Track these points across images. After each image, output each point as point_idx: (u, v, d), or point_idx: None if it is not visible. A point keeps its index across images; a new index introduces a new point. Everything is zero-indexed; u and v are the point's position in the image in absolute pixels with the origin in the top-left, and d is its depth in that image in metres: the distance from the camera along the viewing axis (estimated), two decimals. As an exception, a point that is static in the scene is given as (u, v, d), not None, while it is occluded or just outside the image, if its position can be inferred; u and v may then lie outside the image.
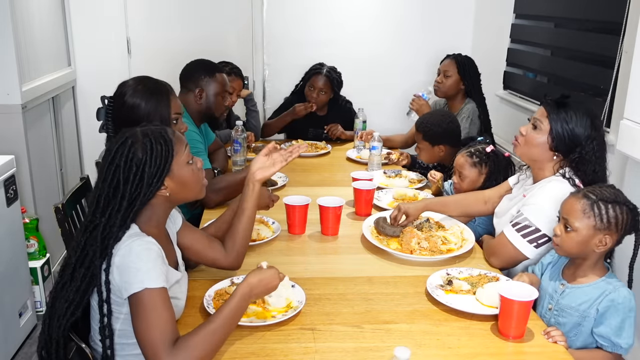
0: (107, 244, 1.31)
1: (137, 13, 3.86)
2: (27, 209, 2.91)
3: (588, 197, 1.56)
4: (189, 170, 1.45)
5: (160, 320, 1.26)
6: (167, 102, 1.90)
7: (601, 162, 1.80)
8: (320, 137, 3.45)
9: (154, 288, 1.27)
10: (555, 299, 1.63)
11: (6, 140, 2.87)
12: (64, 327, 1.33)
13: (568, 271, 1.65)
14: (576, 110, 1.79)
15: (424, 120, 2.76)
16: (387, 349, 1.39)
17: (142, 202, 1.37)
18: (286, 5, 3.97)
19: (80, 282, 1.31)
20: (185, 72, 2.52)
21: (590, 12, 2.77)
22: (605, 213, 1.54)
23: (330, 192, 2.25)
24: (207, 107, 2.48)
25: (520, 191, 1.97)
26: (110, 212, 1.33)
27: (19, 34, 2.94)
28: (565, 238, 1.59)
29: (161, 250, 1.36)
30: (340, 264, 1.84)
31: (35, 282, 2.85)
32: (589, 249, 1.57)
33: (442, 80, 3.15)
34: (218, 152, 2.79)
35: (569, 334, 1.59)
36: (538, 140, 1.82)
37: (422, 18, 4.06)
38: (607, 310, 1.53)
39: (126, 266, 1.29)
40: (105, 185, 1.35)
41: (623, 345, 1.51)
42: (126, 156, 1.35)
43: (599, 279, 1.59)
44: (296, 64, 3.61)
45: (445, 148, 2.69)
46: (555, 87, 3.14)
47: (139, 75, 1.97)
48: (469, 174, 2.33)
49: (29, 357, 2.62)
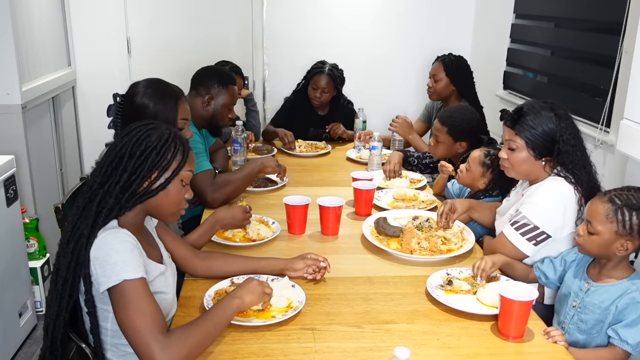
0: (99, 215, 1.32)
1: (137, 13, 3.86)
2: (27, 209, 2.91)
3: (613, 202, 1.55)
4: (178, 190, 1.43)
5: (147, 309, 1.25)
6: (175, 106, 1.92)
7: (579, 143, 1.82)
8: (321, 136, 3.44)
9: (133, 279, 1.27)
10: (580, 297, 1.64)
11: (6, 140, 2.87)
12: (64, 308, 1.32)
13: (593, 270, 1.66)
14: (534, 112, 1.81)
15: (452, 114, 2.64)
16: (387, 349, 1.39)
17: (139, 184, 1.36)
18: (286, 5, 3.97)
19: (71, 257, 1.30)
20: (199, 76, 2.51)
21: (590, 12, 2.77)
22: (628, 220, 1.53)
23: (330, 192, 2.25)
24: (212, 116, 2.47)
25: (519, 190, 1.98)
26: (110, 184, 1.34)
27: (19, 34, 2.94)
28: (587, 239, 1.60)
29: (137, 242, 1.36)
30: (340, 264, 1.84)
31: (35, 282, 2.85)
32: (611, 252, 1.57)
33: (432, 84, 3.17)
34: (218, 152, 2.79)
35: (591, 331, 1.59)
36: (521, 158, 1.85)
37: (422, 18, 4.07)
38: (626, 307, 1.53)
39: (102, 260, 1.28)
40: (112, 154, 1.37)
41: (630, 341, 1.50)
42: (141, 134, 1.38)
43: (624, 278, 1.59)
44: (296, 64, 3.61)
45: (466, 145, 2.61)
46: (555, 87, 3.14)
47: (152, 77, 1.98)
48: (474, 169, 2.33)
49: (29, 357, 2.62)
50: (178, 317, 1.51)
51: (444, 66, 3.12)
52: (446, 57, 3.16)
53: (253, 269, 1.71)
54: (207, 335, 1.32)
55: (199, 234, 1.90)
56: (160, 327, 1.25)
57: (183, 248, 1.69)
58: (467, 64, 3.19)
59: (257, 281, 1.51)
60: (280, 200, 2.11)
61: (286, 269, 1.71)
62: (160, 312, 1.29)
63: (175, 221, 1.54)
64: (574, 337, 1.63)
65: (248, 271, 1.71)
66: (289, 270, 1.71)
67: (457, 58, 3.17)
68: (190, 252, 1.70)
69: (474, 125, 2.63)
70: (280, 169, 2.49)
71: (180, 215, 1.49)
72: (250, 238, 1.99)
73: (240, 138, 2.75)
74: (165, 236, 1.63)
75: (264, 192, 2.51)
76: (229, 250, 1.91)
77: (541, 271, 1.77)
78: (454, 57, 3.17)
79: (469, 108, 2.73)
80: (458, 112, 2.66)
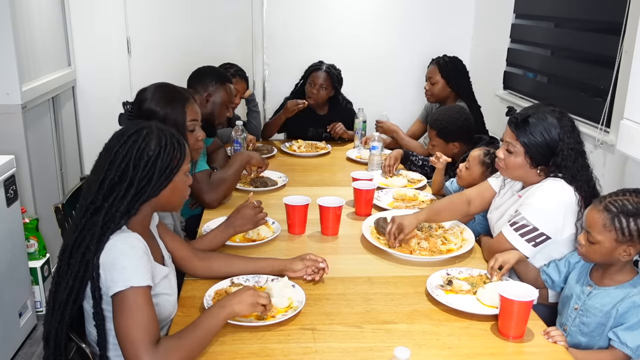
0: (107, 229, 1.31)
1: (137, 13, 3.85)
2: (27, 209, 2.91)
3: (609, 210, 1.53)
4: (184, 181, 1.46)
5: (144, 320, 1.26)
6: (182, 110, 1.91)
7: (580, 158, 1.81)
8: (321, 136, 3.44)
9: (139, 287, 1.27)
10: (582, 300, 1.63)
11: (6, 140, 2.87)
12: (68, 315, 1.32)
13: (596, 273, 1.65)
14: (539, 120, 1.80)
15: (438, 117, 2.70)
16: (387, 349, 1.39)
17: (150, 195, 1.37)
18: (286, 5, 3.97)
19: (78, 267, 1.30)
20: (196, 75, 2.52)
21: (590, 12, 2.77)
22: (626, 227, 1.51)
23: (330, 192, 2.25)
24: (210, 113, 2.47)
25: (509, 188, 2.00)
26: (115, 198, 1.33)
27: (19, 34, 2.94)
28: (589, 249, 1.59)
29: (147, 247, 1.36)
30: (340, 264, 1.84)
31: (35, 282, 2.85)
32: (614, 258, 1.56)
33: (429, 87, 3.19)
34: (218, 152, 2.78)
35: (593, 334, 1.59)
36: (517, 163, 1.85)
37: (422, 18, 4.06)
38: (627, 310, 1.52)
39: (111, 264, 1.28)
40: (113, 169, 1.35)
41: (630, 344, 1.50)
42: (140, 144, 1.36)
43: (626, 282, 1.58)
44: (296, 64, 3.61)
45: (460, 145, 2.66)
46: (555, 87, 3.14)
47: (160, 82, 1.97)
48: (474, 169, 2.35)
49: (29, 357, 2.62)
50: (178, 317, 1.51)
51: (439, 68, 3.14)
52: (441, 59, 3.17)
53: (253, 270, 1.71)
54: (196, 346, 1.32)
55: (211, 237, 1.89)
56: (153, 337, 1.25)
57: (183, 248, 1.68)
58: (463, 64, 3.19)
59: (251, 291, 1.46)
60: (280, 200, 2.11)
61: (285, 270, 1.71)
62: (156, 322, 1.29)
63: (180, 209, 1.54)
64: (576, 340, 1.62)
65: (248, 272, 1.70)
66: (288, 271, 1.71)
67: (452, 59, 3.18)
68: (190, 252, 1.70)
69: (460, 125, 2.65)
70: (264, 163, 2.54)
71: (184, 200, 1.52)
72: (250, 238, 1.99)
73: (240, 138, 2.75)
74: (165, 236, 1.63)
75: (264, 192, 2.51)
76: (229, 250, 1.91)
77: (547, 274, 1.77)
78: (449, 58, 3.18)
79: (455, 108, 2.75)
80: (443, 114, 2.70)
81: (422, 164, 2.90)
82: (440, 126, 2.66)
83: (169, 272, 1.50)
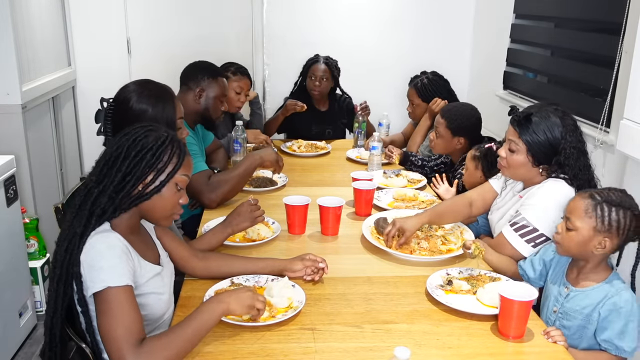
0: (93, 215, 1.32)
1: (137, 13, 3.86)
2: (27, 209, 2.91)
3: (593, 198, 1.55)
4: (173, 194, 1.42)
5: (126, 319, 1.25)
6: (173, 106, 1.90)
7: (582, 157, 1.82)
8: (324, 133, 3.45)
9: (117, 286, 1.26)
10: (560, 302, 1.63)
11: (6, 140, 2.87)
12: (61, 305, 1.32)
13: (572, 274, 1.65)
14: (543, 121, 1.80)
15: (452, 108, 2.71)
16: (387, 349, 1.39)
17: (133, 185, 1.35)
18: (286, 5, 3.98)
19: (64, 256, 1.31)
20: (187, 71, 2.52)
21: (590, 12, 2.77)
22: (607, 215, 1.52)
23: (330, 192, 2.25)
24: (205, 108, 2.47)
25: (510, 188, 2.00)
26: (105, 184, 1.35)
27: (19, 34, 2.94)
28: (565, 236, 1.59)
29: (128, 246, 1.36)
30: (340, 264, 1.84)
31: (35, 282, 2.85)
32: (588, 250, 1.56)
33: (411, 109, 3.23)
34: (218, 152, 2.78)
35: (574, 337, 1.59)
36: (519, 161, 1.85)
37: (423, 18, 4.07)
38: (609, 314, 1.52)
39: (89, 265, 1.29)
40: (109, 152, 1.37)
41: (626, 348, 1.51)
42: (138, 135, 1.38)
43: (602, 281, 1.58)
44: (296, 64, 3.61)
45: (464, 142, 2.67)
46: (555, 87, 3.14)
47: (139, 79, 1.94)
48: (469, 166, 2.43)
49: (28, 357, 2.62)
50: (178, 317, 1.50)
51: (417, 92, 3.16)
52: (418, 82, 3.17)
53: (252, 270, 1.71)
54: (184, 344, 1.29)
55: (210, 236, 1.89)
56: (137, 337, 1.24)
57: (182, 248, 1.68)
58: (442, 80, 3.18)
59: (250, 293, 1.45)
60: (280, 200, 2.11)
61: (285, 270, 1.71)
62: (139, 321, 1.28)
63: (169, 225, 1.53)
64: None
65: (247, 272, 1.70)
66: (288, 271, 1.70)
67: (430, 80, 3.16)
68: (189, 252, 1.70)
69: (472, 122, 2.69)
70: (279, 164, 2.44)
71: (174, 219, 1.48)
72: (250, 238, 1.99)
73: (240, 138, 2.75)
74: (164, 236, 1.63)
75: (264, 192, 2.51)
76: (229, 250, 1.91)
77: (523, 269, 1.76)
78: (427, 79, 3.17)
79: (470, 105, 2.78)
80: (458, 107, 2.74)
81: (422, 164, 2.91)
82: (452, 117, 2.67)
83: (162, 270, 1.49)
